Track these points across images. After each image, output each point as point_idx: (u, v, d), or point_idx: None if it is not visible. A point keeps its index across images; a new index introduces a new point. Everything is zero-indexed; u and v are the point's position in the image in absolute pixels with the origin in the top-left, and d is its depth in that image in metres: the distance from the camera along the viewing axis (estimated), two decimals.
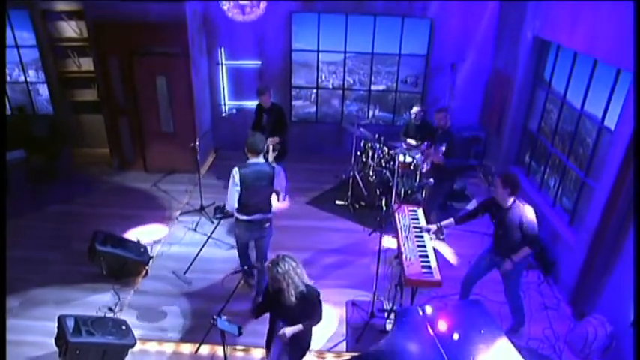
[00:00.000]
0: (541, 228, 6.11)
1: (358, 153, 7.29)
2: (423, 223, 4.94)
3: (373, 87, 8.69)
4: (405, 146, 6.77)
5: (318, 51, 8.40)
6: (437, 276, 4.13)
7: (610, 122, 5.14)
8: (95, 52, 7.57)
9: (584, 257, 5.17)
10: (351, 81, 8.69)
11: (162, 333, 5.04)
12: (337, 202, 7.25)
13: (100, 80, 7.71)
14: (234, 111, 6.98)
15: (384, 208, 6.83)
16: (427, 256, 4.38)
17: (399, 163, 6.54)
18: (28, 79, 8.66)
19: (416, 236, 4.67)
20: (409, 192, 7.05)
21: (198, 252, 5.89)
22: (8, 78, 8.62)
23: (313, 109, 8.96)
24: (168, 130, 7.92)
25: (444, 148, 5.79)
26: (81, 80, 8.41)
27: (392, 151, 6.84)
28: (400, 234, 4.68)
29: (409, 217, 4.99)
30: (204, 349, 4.78)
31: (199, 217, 6.95)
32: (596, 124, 5.42)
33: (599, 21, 5.16)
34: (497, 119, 7.85)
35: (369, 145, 7.11)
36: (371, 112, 8.90)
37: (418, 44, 8.31)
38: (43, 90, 8.75)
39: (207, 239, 5.99)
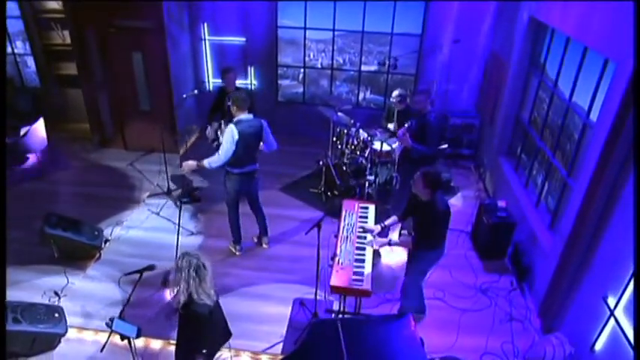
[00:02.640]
0: (520, 229, 5.71)
1: (334, 139, 6.87)
2: (370, 223, 4.53)
3: (364, 67, 8.17)
4: (379, 134, 6.31)
5: (305, 28, 7.93)
6: (366, 285, 3.76)
7: (594, 116, 4.56)
8: (71, 24, 7.34)
9: (555, 266, 4.68)
10: (341, 61, 8.20)
11: (101, 322, 4.87)
12: (311, 190, 6.90)
13: (78, 54, 7.51)
14: (196, 92, 6.65)
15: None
16: (363, 261, 4.00)
17: (371, 150, 6.10)
18: (16, 51, 8.57)
19: (358, 237, 4.29)
20: (386, 182, 6.62)
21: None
22: None
23: (301, 89, 8.54)
24: (145, 108, 7.70)
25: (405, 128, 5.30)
26: (65, 53, 8.21)
27: (367, 138, 6.39)
28: (341, 233, 4.31)
29: (357, 214, 4.60)
30: (139, 342, 4.60)
31: (166, 200, 6.75)
32: (582, 118, 4.85)
33: (592, 4, 4.53)
34: (492, 106, 7.25)
35: (344, 131, 6.68)
36: (361, 95, 8.41)
37: (412, 22, 7.71)
38: (31, 62, 8.66)
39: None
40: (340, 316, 4.42)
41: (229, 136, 4.87)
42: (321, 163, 6.99)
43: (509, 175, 6.53)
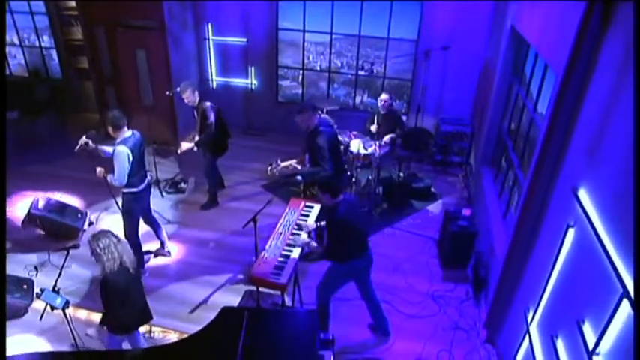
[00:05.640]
0: (483, 239, 5.65)
1: None
2: (310, 221, 4.66)
3: (361, 71, 8.25)
4: (353, 137, 6.40)
5: (303, 31, 8.11)
6: (283, 279, 3.90)
7: None
8: (82, 21, 7.89)
9: (498, 277, 4.63)
10: (339, 64, 8.32)
11: (67, 296, 5.27)
12: (291, 188, 7.06)
13: (88, 50, 8.05)
14: (178, 89, 6.97)
15: None
16: (287, 257, 4.14)
17: (347, 153, 6.21)
18: (43, 45, 9.27)
19: (292, 234, 4.43)
20: (365, 186, 6.70)
21: None
22: (25, 42, 9.32)
23: (300, 90, 8.72)
24: (148, 103, 8.14)
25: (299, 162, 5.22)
26: (84, 48, 8.81)
27: (344, 142, 6.49)
28: (276, 229, 4.47)
29: (300, 212, 4.73)
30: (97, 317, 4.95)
31: (154, 189, 7.12)
32: (540, 130, 4.76)
33: (550, 15, 4.45)
34: (482, 114, 7.15)
35: None
36: (359, 98, 8.49)
37: (409, 28, 7.72)
38: (56, 56, 9.34)
39: None
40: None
41: (124, 158, 4.76)
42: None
43: (486, 184, 6.44)
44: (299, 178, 5.03)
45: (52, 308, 3.90)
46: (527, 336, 3.75)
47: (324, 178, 3.97)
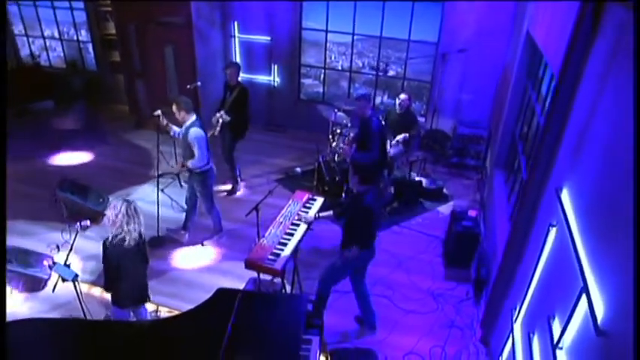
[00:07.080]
0: (488, 240, 5.67)
1: (330, 137, 7.15)
2: (311, 213, 4.80)
3: (381, 73, 8.34)
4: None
5: (326, 31, 8.27)
6: (278, 265, 4.07)
7: None
8: (115, 17, 8.31)
9: (494, 277, 4.67)
10: (360, 64, 8.44)
11: (82, 274, 5.60)
12: (304, 184, 7.22)
13: (120, 44, 8.46)
14: (199, 84, 7.25)
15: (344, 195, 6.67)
16: (285, 245, 4.30)
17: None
18: (80, 39, 9.79)
19: (292, 224, 4.60)
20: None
21: None
22: (65, 36, 9.85)
23: (322, 89, 8.89)
24: (174, 96, 8.46)
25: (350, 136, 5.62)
26: (117, 42, 9.24)
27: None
28: (277, 218, 4.64)
29: (302, 204, 4.89)
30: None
31: (174, 179, 7.44)
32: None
33: (552, 19, 4.47)
34: (498, 117, 7.13)
35: (338, 130, 6.94)
36: (379, 98, 8.58)
37: (430, 30, 7.77)
38: (92, 49, 9.83)
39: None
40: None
41: (203, 139, 5.36)
42: (321, 159, 7.30)
43: (497, 186, 6.43)
44: (298, 169, 5.22)
45: (63, 280, 4.17)
46: (511, 334, 3.78)
47: (369, 162, 4.41)
